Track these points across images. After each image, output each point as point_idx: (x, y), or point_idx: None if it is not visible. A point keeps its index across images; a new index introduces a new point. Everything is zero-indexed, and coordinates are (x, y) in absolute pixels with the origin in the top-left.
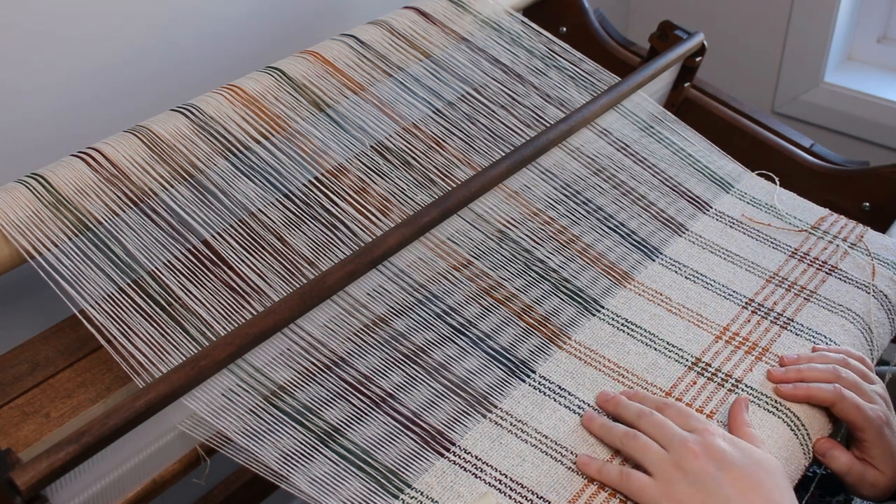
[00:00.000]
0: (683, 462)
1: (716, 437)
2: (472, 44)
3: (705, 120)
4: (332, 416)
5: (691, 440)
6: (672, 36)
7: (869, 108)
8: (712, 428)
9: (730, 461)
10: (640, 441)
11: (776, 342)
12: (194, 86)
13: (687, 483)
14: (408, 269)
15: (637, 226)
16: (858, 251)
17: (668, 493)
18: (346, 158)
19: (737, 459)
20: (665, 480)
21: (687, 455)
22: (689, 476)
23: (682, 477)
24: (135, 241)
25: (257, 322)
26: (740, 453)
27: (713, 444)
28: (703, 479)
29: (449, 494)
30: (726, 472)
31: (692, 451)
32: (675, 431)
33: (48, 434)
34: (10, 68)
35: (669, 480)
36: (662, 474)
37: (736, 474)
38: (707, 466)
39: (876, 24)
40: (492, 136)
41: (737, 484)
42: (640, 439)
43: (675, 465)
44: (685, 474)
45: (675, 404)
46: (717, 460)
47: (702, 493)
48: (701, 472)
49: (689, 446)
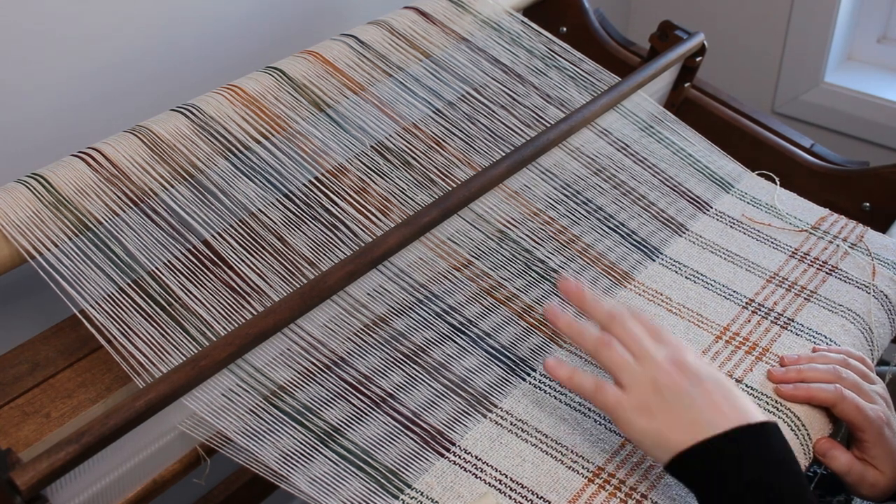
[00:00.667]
0: (657, 377)
1: (686, 353)
2: (472, 44)
3: (705, 120)
4: (332, 416)
5: (664, 355)
6: (672, 36)
7: (869, 108)
8: (684, 343)
9: (700, 375)
10: (615, 353)
11: (776, 342)
12: (194, 86)
13: (661, 398)
14: (408, 269)
15: (637, 226)
16: (859, 251)
17: (639, 405)
18: (347, 158)
19: (703, 373)
20: (637, 393)
21: (658, 369)
22: (664, 391)
23: (656, 392)
24: (135, 241)
25: (257, 322)
26: (707, 368)
27: (685, 359)
28: (678, 394)
29: (449, 494)
30: (698, 385)
31: (661, 365)
32: (648, 344)
33: (48, 434)
34: (10, 68)
35: (641, 393)
36: (636, 388)
37: (708, 386)
38: (681, 382)
39: (876, 24)
40: (492, 136)
41: (709, 397)
42: (615, 350)
43: (649, 380)
44: (659, 389)
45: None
46: (689, 375)
47: (676, 407)
48: (675, 387)
49: (662, 361)
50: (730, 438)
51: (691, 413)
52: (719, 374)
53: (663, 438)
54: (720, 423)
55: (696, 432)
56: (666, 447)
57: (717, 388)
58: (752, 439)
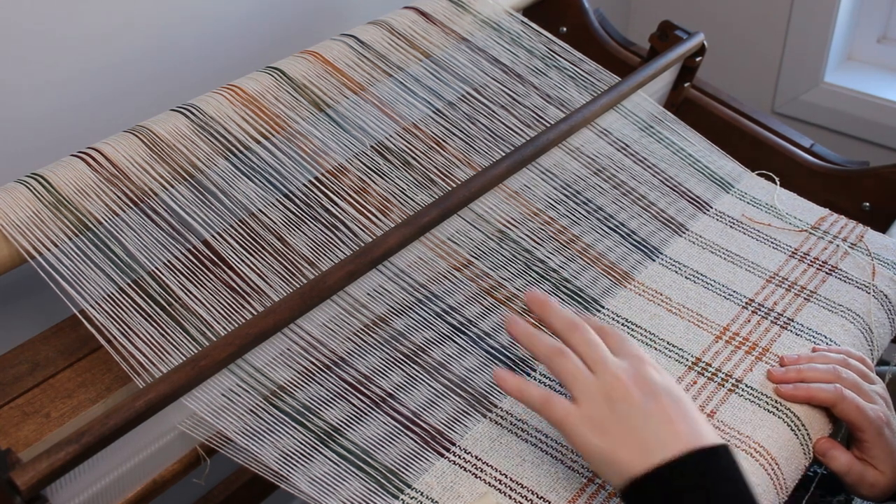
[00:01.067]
0: (611, 390)
1: (647, 365)
2: (472, 44)
3: (705, 120)
4: (332, 416)
5: (621, 367)
6: (672, 36)
7: (869, 108)
8: (645, 355)
9: (658, 391)
10: (569, 362)
11: (776, 342)
12: (194, 86)
13: (613, 412)
14: (408, 269)
15: (637, 226)
16: (858, 251)
17: (591, 420)
18: (346, 158)
19: (660, 388)
20: (588, 407)
21: (615, 383)
22: (617, 405)
23: (609, 406)
24: (135, 241)
25: (257, 322)
26: (665, 383)
27: (643, 372)
28: (631, 409)
29: (449, 494)
30: (654, 401)
31: (617, 378)
32: (606, 355)
33: (48, 434)
34: (10, 68)
35: (593, 407)
36: (588, 401)
37: (664, 403)
38: (635, 396)
39: (876, 24)
40: (492, 136)
41: (663, 414)
42: (569, 360)
43: (602, 392)
44: (612, 403)
45: (612, 329)
46: (645, 390)
47: (626, 423)
48: (628, 401)
49: (618, 373)
50: (681, 464)
51: (644, 432)
52: (678, 390)
53: (615, 458)
54: (673, 446)
55: (647, 455)
56: (618, 469)
57: (673, 406)
58: (704, 464)
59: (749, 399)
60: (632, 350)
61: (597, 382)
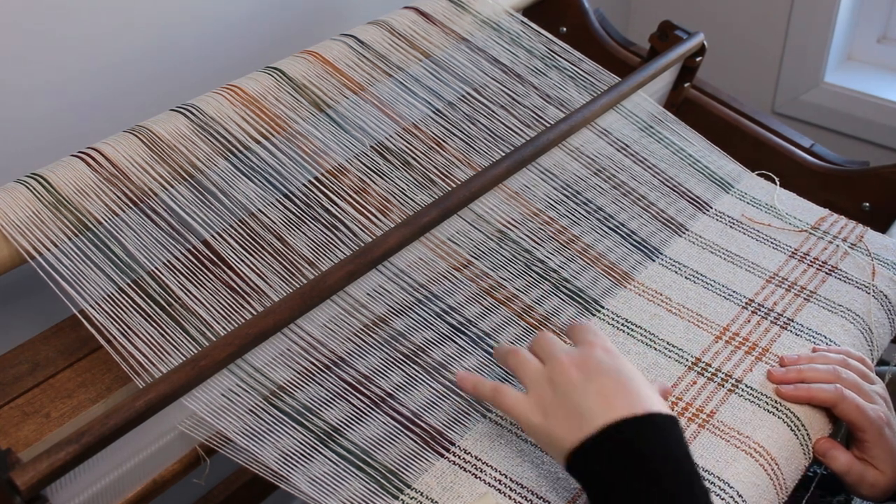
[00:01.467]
0: (554, 374)
1: (595, 349)
2: (471, 44)
3: (705, 120)
4: (332, 416)
5: (568, 352)
6: (672, 36)
7: (869, 108)
8: (598, 340)
9: (597, 370)
10: (520, 356)
11: (776, 342)
12: (194, 86)
13: (554, 394)
14: (408, 270)
15: (637, 226)
16: (858, 251)
17: (538, 406)
18: (346, 158)
19: (605, 367)
20: (535, 393)
21: (557, 367)
22: (558, 388)
23: (551, 388)
24: (135, 241)
25: (257, 322)
26: (611, 361)
27: (588, 354)
28: (570, 389)
29: (449, 494)
30: (593, 381)
31: (562, 363)
32: (555, 346)
33: (48, 434)
34: (10, 68)
35: (539, 393)
36: (534, 388)
37: (602, 381)
38: (574, 376)
39: (876, 24)
40: (492, 136)
41: (600, 391)
42: (520, 354)
43: (547, 378)
44: (555, 386)
45: (579, 325)
46: (585, 369)
47: (565, 403)
48: (568, 383)
49: (561, 358)
50: (610, 433)
51: (579, 408)
52: (626, 370)
53: (554, 436)
54: (604, 418)
55: (580, 428)
56: (557, 445)
57: (611, 382)
58: (634, 432)
59: (749, 399)
60: (587, 337)
61: (544, 370)
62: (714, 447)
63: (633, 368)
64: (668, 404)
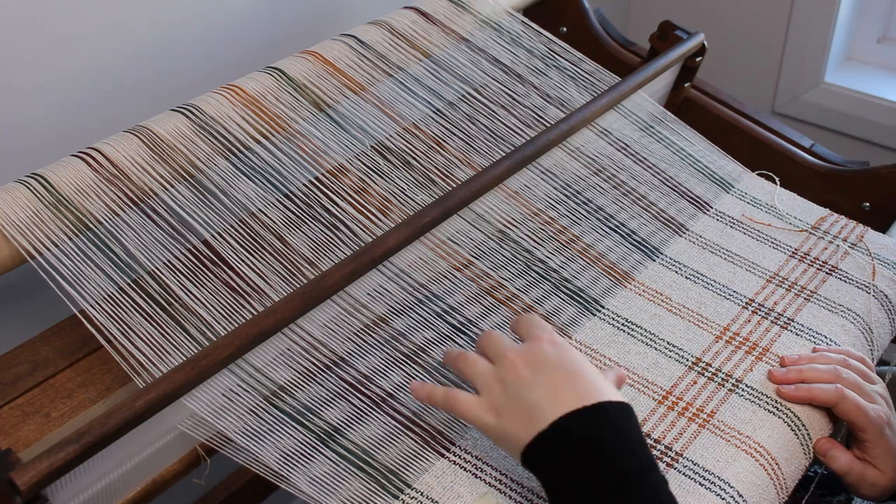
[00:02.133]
0: (504, 373)
1: (542, 343)
2: (472, 44)
3: (705, 120)
4: (332, 416)
5: (516, 350)
6: (672, 36)
7: (869, 108)
8: (545, 334)
9: (546, 364)
10: (469, 359)
11: (776, 342)
12: (194, 86)
13: (504, 392)
14: (408, 269)
15: (637, 226)
16: (859, 251)
17: (490, 405)
18: (347, 158)
19: (554, 361)
20: (487, 394)
21: (506, 365)
22: (509, 386)
23: (501, 387)
24: (135, 241)
25: (257, 322)
26: (560, 355)
27: (536, 350)
28: (519, 387)
29: (449, 494)
30: (541, 375)
31: (511, 361)
32: (503, 344)
33: (48, 434)
34: (10, 68)
35: (491, 393)
36: (485, 388)
37: (551, 375)
38: (524, 373)
39: (876, 24)
40: (492, 136)
41: (549, 385)
42: (469, 358)
43: (496, 377)
44: (505, 385)
45: (524, 317)
46: (534, 366)
47: (516, 400)
48: (517, 380)
49: (510, 357)
50: (561, 426)
51: (530, 404)
52: (574, 359)
53: (508, 434)
54: (553, 412)
55: (532, 424)
56: (513, 443)
57: (560, 375)
58: (581, 424)
59: (749, 399)
60: (534, 331)
61: (494, 370)
62: (714, 447)
63: (582, 359)
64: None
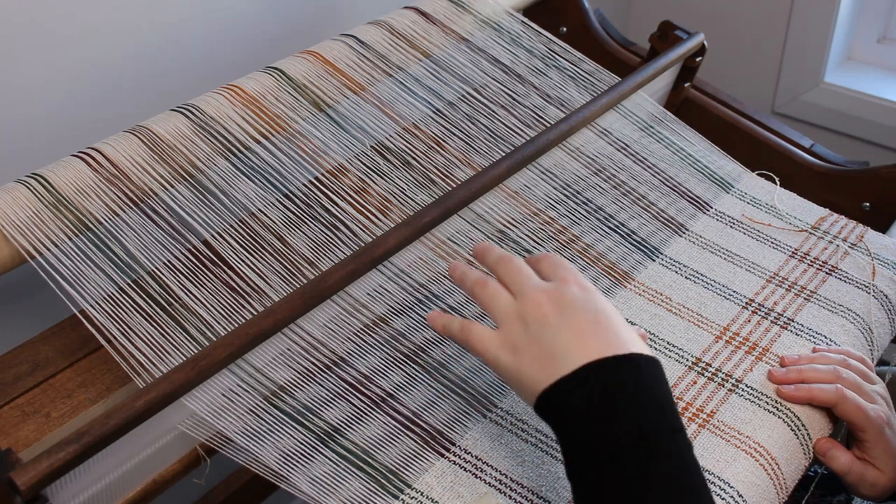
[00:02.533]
0: (526, 310)
1: (570, 285)
2: (472, 44)
3: (705, 120)
4: (332, 416)
5: (542, 288)
6: (672, 36)
7: (869, 108)
8: (572, 276)
9: (573, 307)
10: (489, 289)
11: (776, 342)
12: (194, 86)
13: (526, 331)
14: (408, 269)
15: (637, 226)
16: (858, 251)
17: (507, 342)
18: (347, 158)
19: (581, 305)
20: (506, 330)
21: (530, 303)
22: (530, 324)
23: (523, 325)
24: (135, 241)
25: (257, 322)
26: (588, 299)
27: (564, 291)
28: (542, 326)
29: (449, 494)
30: (567, 318)
31: (536, 299)
32: (528, 279)
33: (48, 434)
34: (10, 68)
35: (510, 330)
36: (505, 324)
37: (578, 320)
38: (549, 314)
39: (876, 24)
40: (492, 136)
41: (575, 329)
42: (490, 287)
43: (518, 313)
44: (526, 323)
45: (549, 256)
46: (561, 307)
47: (538, 341)
48: (542, 319)
49: (536, 294)
50: (582, 375)
51: (552, 347)
52: (603, 306)
53: (524, 375)
54: (577, 359)
55: (552, 369)
56: (527, 386)
57: (588, 321)
58: (609, 373)
59: (749, 399)
60: (560, 272)
61: (515, 305)
62: (714, 447)
63: (611, 307)
64: None
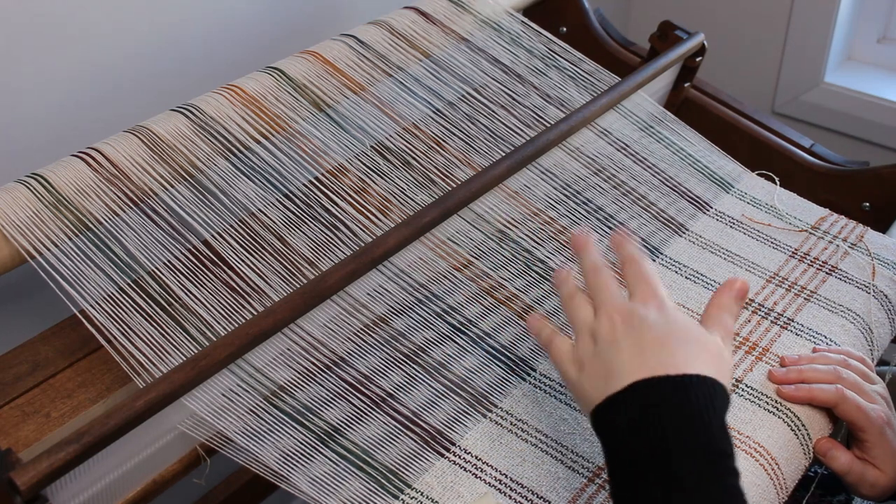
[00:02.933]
0: (599, 327)
1: (647, 306)
2: (472, 44)
3: (705, 120)
4: (332, 416)
5: (618, 307)
6: (672, 36)
7: (869, 108)
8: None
9: (642, 328)
10: (574, 302)
11: (776, 342)
12: (194, 86)
13: (594, 348)
14: (408, 269)
15: (637, 226)
16: (858, 251)
17: (576, 357)
18: (347, 158)
19: (650, 325)
20: (579, 345)
21: (605, 320)
22: (599, 342)
23: (592, 343)
24: (135, 241)
25: (257, 322)
26: (660, 320)
27: (637, 310)
28: (609, 344)
29: (449, 494)
30: (632, 337)
31: (610, 317)
32: (609, 296)
33: (48, 434)
34: (10, 68)
35: (582, 345)
36: (579, 338)
37: (642, 340)
38: (617, 332)
39: (876, 24)
40: (492, 136)
41: (636, 349)
42: (575, 301)
43: (591, 330)
44: (596, 340)
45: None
46: (630, 326)
47: (601, 358)
48: (609, 337)
49: (612, 312)
50: (635, 391)
51: (611, 365)
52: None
53: (585, 392)
54: (632, 375)
55: (608, 385)
56: (586, 400)
57: (651, 340)
58: (652, 392)
59: (749, 399)
60: (641, 286)
61: (592, 322)
62: None
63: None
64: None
